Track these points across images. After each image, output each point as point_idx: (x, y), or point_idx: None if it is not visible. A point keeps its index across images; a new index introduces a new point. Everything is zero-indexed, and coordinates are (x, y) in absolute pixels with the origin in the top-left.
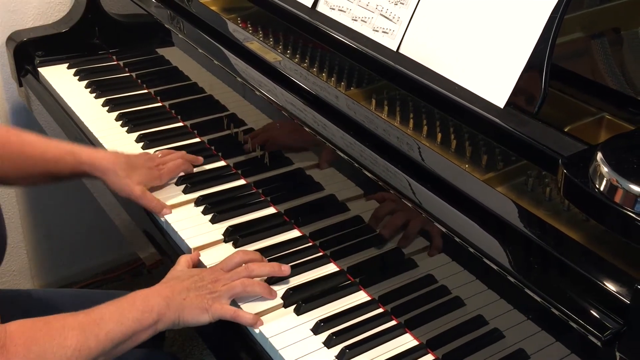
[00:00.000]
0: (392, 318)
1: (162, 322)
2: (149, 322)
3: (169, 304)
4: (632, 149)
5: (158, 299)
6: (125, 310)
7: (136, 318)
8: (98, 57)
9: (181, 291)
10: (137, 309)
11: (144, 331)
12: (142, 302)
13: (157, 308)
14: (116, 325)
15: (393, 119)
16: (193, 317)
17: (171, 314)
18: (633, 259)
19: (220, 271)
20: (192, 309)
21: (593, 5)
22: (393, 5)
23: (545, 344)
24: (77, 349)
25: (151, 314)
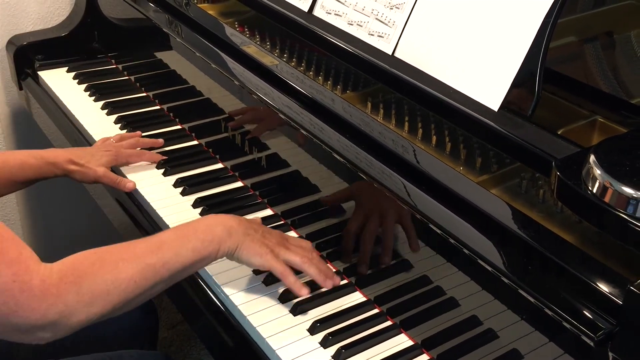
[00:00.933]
0: (388, 318)
1: (222, 251)
2: (209, 251)
3: (232, 233)
4: (625, 151)
5: (221, 228)
6: (186, 239)
7: (196, 248)
8: (97, 61)
9: (248, 228)
10: (198, 238)
11: (204, 260)
12: (204, 231)
13: (218, 237)
14: (174, 256)
15: (388, 122)
16: (248, 254)
17: (231, 243)
18: (625, 260)
19: (287, 239)
20: (250, 248)
21: (586, 9)
22: (388, 10)
23: (538, 344)
24: (132, 280)
25: (211, 244)
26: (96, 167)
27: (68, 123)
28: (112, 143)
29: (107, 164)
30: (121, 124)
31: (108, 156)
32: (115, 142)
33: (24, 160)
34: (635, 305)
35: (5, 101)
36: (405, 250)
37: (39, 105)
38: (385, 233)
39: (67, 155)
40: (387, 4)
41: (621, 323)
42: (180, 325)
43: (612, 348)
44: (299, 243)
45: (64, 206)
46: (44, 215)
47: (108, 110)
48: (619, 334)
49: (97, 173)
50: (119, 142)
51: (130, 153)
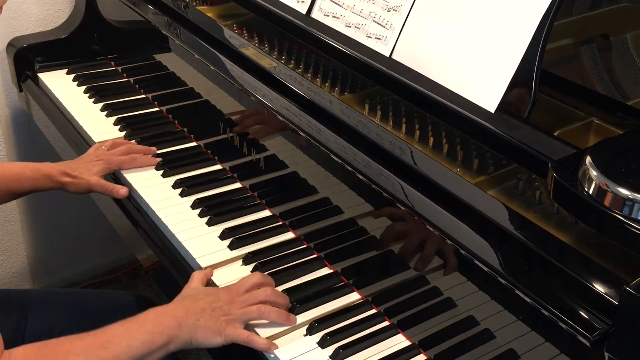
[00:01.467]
0: (385, 319)
1: (174, 343)
2: (160, 343)
3: (182, 324)
4: (621, 153)
5: (170, 320)
6: (135, 332)
7: (146, 340)
8: (97, 63)
9: (195, 312)
10: (147, 330)
11: (154, 353)
12: (152, 323)
13: (168, 329)
14: (124, 348)
15: (386, 124)
16: (206, 339)
17: (183, 335)
18: (621, 261)
19: (236, 292)
20: (205, 331)
21: (582, 12)
22: (386, 12)
23: (535, 344)
24: None
25: (162, 336)
26: (89, 177)
27: (68, 125)
28: (103, 151)
29: (99, 172)
30: (120, 126)
31: (100, 165)
32: (108, 149)
33: (20, 172)
34: (631, 306)
35: (6, 103)
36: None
37: (38, 107)
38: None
39: (61, 167)
40: (384, 7)
41: (617, 323)
42: None
43: (608, 348)
44: (248, 286)
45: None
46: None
47: (107, 112)
48: (615, 334)
49: (89, 183)
50: (111, 150)
51: (122, 160)
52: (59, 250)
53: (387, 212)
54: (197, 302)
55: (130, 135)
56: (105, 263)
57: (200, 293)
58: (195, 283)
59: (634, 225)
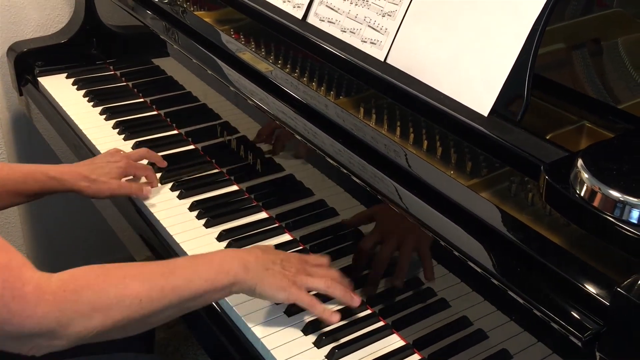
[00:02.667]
0: (380, 319)
1: (238, 286)
2: (223, 283)
3: (249, 269)
4: (612, 156)
5: (236, 262)
6: (200, 268)
7: (209, 278)
8: (96, 67)
9: (265, 262)
10: (212, 268)
11: (217, 292)
12: (219, 263)
13: (234, 271)
14: (185, 282)
15: (381, 127)
16: (271, 290)
17: (250, 279)
18: (612, 262)
19: (306, 262)
20: (272, 283)
21: (574, 17)
22: (381, 17)
23: (527, 344)
24: (137, 298)
25: (227, 276)
26: (109, 180)
27: (67, 128)
28: (120, 153)
29: (118, 176)
30: (119, 129)
31: (118, 168)
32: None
33: (28, 174)
34: (622, 306)
35: (6, 106)
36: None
37: (38, 111)
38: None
39: (77, 170)
40: (379, 12)
41: (608, 323)
42: (177, 326)
43: (599, 348)
44: (318, 262)
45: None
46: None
47: (106, 116)
48: (606, 334)
49: (111, 187)
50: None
51: (139, 165)
52: (58, 252)
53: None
54: (269, 255)
55: (128, 139)
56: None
57: (273, 250)
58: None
59: (624, 227)
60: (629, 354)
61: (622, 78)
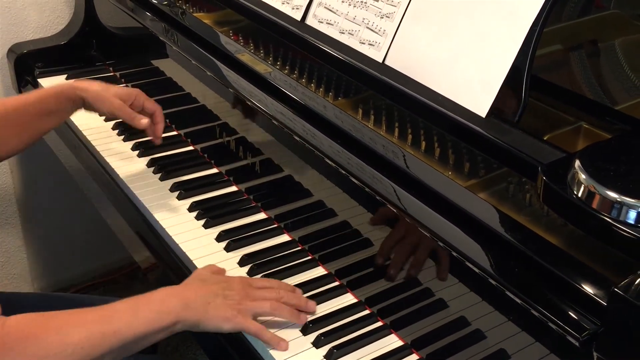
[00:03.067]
0: (378, 319)
1: (181, 324)
2: (165, 323)
3: (190, 306)
4: (609, 156)
5: (177, 301)
6: (140, 310)
7: (150, 319)
8: (95, 69)
9: (206, 295)
10: (153, 309)
11: (159, 332)
12: (159, 302)
13: (175, 311)
14: (126, 325)
15: (379, 128)
16: (215, 323)
17: (191, 316)
18: (610, 262)
19: (249, 286)
20: (215, 316)
21: (571, 18)
22: (379, 19)
23: (525, 344)
24: (79, 346)
25: (168, 316)
26: (112, 97)
27: (67, 129)
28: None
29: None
30: (118, 130)
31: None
32: None
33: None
34: (619, 307)
35: None
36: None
37: None
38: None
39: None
40: (377, 13)
41: (605, 324)
42: None
43: (596, 348)
44: (262, 284)
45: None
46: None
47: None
48: (603, 335)
49: (113, 104)
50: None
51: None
52: (58, 252)
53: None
54: (209, 286)
55: (127, 140)
56: (103, 265)
57: (213, 278)
58: (206, 269)
59: (621, 227)
60: (626, 354)
61: (619, 79)
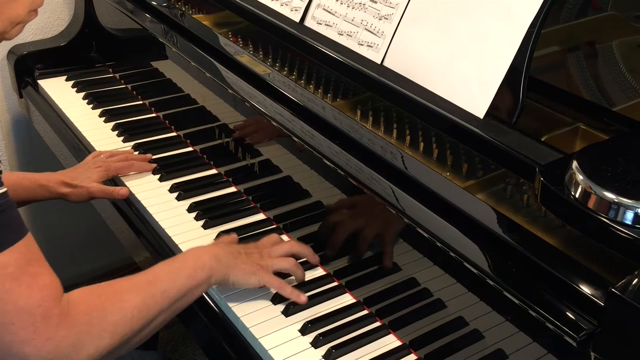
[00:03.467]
0: (377, 319)
1: (214, 277)
2: (202, 277)
3: (221, 259)
4: (606, 157)
5: (208, 255)
6: (178, 268)
7: (189, 275)
8: (95, 70)
9: (232, 252)
10: (189, 266)
11: (199, 287)
12: (193, 259)
13: (208, 263)
14: (170, 284)
15: (377, 129)
16: (243, 276)
17: (223, 269)
18: (607, 263)
19: (262, 246)
20: (242, 269)
21: (569, 20)
22: (377, 20)
23: (523, 344)
24: (136, 308)
25: (203, 270)
26: (88, 184)
27: (67, 130)
28: (101, 159)
29: (98, 179)
30: (118, 131)
31: (99, 172)
32: (106, 157)
33: (17, 182)
34: (616, 307)
35: (6, 109)
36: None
37: (38, 113)
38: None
39: (59, 177)
40: (376, 15)
41: (603, 324)
42: (176, 326)
43: (594, 348)
44: (272, 241)
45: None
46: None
47: (105, 118)
48: (601, 335)
49: (89, 190)
50: (109, 157)
51: (120, 166)
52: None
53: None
54: (231, 246)
55: (127, 141)
56: (103, 265)
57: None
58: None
59: (619, 228)
60: (624, 354)
61: (616, 80)
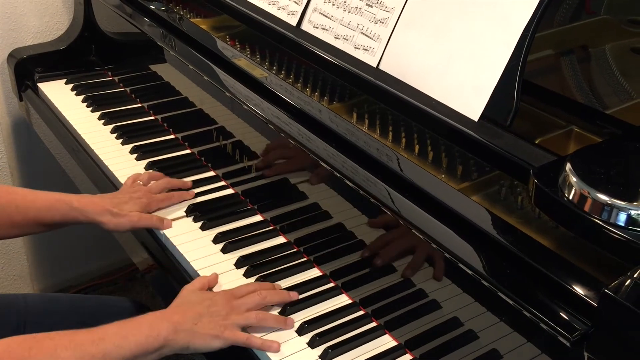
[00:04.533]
0: (372, 320)
1: (169, 347)
2: (154, 346)
3: (178, 329)
4: (599, 160)
5: (166, 324)
6: (129, 333)
7: (139, 342)
8: (94, 73)
9: (193, 317)
10: (142, 333)
11: (147, 356)
12: (148, 326)
13: (164, 333)
14: (115, 348)
15: (373, 132)
16: (205, 342)
17: (180, 339)
18: (600, 264)
19: (232, 296)
20: (204, 335)
21: (563, 24)
22: (373, 24)
23: (517, 345)
24: None
25: (157, 339)
26: (130, 214)
27: (66, 133)
28: (141, 187)
29: (140, 209)
30: (117, 134)
31: (140, 204)
32: (144, 183)
33: (52, 203)
34: (610, 307)
35: (6, 112)
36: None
37: (38, 116)
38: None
39: (100, 204)
40: (372, 19)
41: (596, 324)
42: None
43: (587, 348)
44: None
45: None
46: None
47: (104, 121)
48: (594, 335)
49: (131, 219)
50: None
51: (161, 198)
52: (58, 254)
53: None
54: (194, 307)
55: (126, 143)
56: (102, 266)
57: (197, 297)
58: (194, 286)
59: (612, 229)
60: (617, 354)
61: (609, 84)
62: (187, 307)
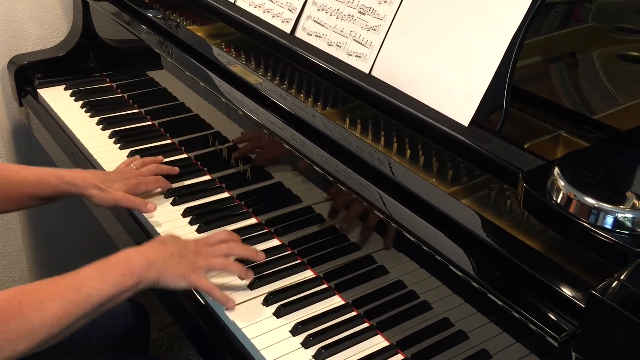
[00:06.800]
0: (365, 321)
1: (143, 283)
2: (130, 284)
3: (150, 265)
4: (587, 164)
5: (140, 261)
6: (106, 274)
7: (117, 281)
8: (93, 79)
9: (164, 255)
10: (118, 272)
11: (125, 292)
12: (123, 265)
13: (138, 270)
14: (96, 291)
15: (365, 137)
16: (172, 280)
17: (152, 275)
18: (587, 266)
19: (203, 245)
20: (172, 274)
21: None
22: (366, 32)
23: (506, 345)
24: (57, 316)
25: (132, 277)
26: (115, 192)
27: (65, 138)
28: (133, 170)
29: (128, 190)
30: (115, 139)
31: (129, 185)
32: (137, 167)
33: (44, 178)
34: (597, 308)
35: (7, 117)
36: (381, 256)
37: (38, 121)
38: None
39: (90, 178)
40: (364, 26)
41: (583, 325)
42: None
43: (575, 348)
44: (214, 242)
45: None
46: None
47: (103, 126)
48: (582, 335)
49: (116, 197)
50: (140, 169)
51: (149, 180)
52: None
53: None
54: (167, 246)
55: (123, 148)
56: None
57: (170, 240)
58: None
59: (599, 232)
60: (604, 354)
61: (596, 90)
62: (159, 246)
